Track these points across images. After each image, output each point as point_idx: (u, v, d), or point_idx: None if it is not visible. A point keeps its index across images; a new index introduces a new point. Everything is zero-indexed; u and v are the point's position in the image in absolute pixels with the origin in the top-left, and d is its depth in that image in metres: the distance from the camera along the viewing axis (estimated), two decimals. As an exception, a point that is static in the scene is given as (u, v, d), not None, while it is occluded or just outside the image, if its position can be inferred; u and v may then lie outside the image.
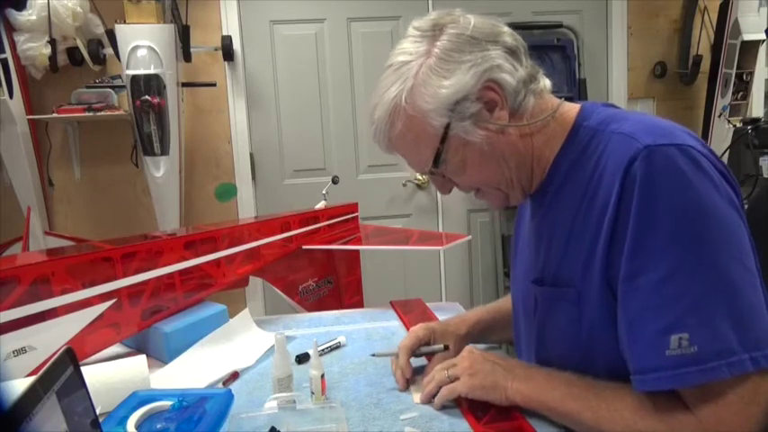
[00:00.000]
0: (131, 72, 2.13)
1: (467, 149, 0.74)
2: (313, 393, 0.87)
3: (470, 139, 0.73)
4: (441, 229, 2.80)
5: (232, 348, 1.12)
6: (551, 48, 2.69)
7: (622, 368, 0.69)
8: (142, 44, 2.13)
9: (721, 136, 2.60)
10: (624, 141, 0.68)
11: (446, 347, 0.94)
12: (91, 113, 2.27)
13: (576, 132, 0.76)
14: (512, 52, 0.74)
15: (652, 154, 0.64)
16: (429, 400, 0.84)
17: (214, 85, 2.49)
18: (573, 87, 2.69)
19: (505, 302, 1.09)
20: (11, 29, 2.20)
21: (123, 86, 2.23)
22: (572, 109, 0.79)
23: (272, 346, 0.98)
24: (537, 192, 0.81)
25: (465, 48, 0.72)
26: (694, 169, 0.64)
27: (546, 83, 0.78)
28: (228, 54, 2.49)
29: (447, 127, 0.73)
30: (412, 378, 0.92)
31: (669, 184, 0.63)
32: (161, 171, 2.24)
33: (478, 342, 1.03)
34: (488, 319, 1.05)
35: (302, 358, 1.05)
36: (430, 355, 0.96)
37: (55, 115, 2.28)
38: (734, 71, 2.57)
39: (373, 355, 1.00)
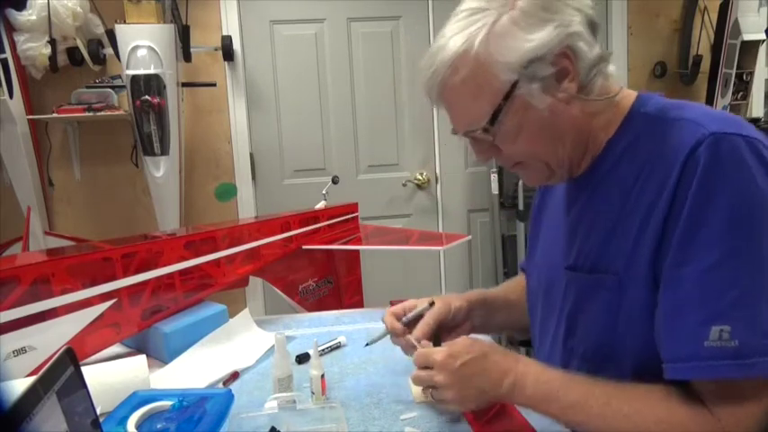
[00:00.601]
0: (131, 72, 2.13)
1: (527, 115, 0.70)
2: (313, 393, 0.87)
3: (534, 103, 0.69)
4: (441, 229, 2.80)
5: (232, 348, 1.12)
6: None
7: (650, 360, 0.67)
8: (142, 44, 2.13)
9: (721, 136, 2.59)
10: (688, 127, 0.66)
11: (431, 304, 0.90)
12: (91, 113, 2.26)
13: (632, 118, 0.74)
14: (591, 25, 0.70)
15: (719, 141, 0.62)
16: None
17: (214, 85, 2.49)
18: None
19: (495, 293, 1.04)
20: (11, 29, 2.20)
21: (123, 86, 2.23)
22: (630, 95, 0.77)
23: (272, 346, 0.98)
24: (582, 175, 0.78)
25: (550, 6, 0.68)
26: (758, 163, 0.62)
27: (612, 67, 0.75)
28: (228, 54, 2.49)
29: (514, 85, 0.68)
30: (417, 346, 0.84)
31: (731, 175, 0.61)
32: (161, 171, 2.24)
33: (479, 332, 0.99)
34: (484, 312, 1.00)
35: (302, 358, 1.05)
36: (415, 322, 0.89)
37: (55, 115, 2.28)
38: (734, 71, 2.57)
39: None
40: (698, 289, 0.62)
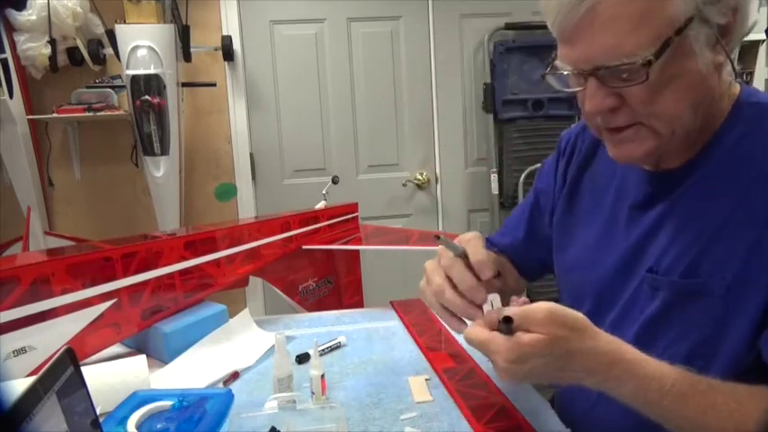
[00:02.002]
0: (131, 72, 2.13)
1: (686, 64, 0.60)
2: (313, 393, 0.87)
3: (697, 53, 0.59)
4: (441, 230, 2.80)
5: (232, 348, 1.12)
6: (551, 48, 2.66)
7: (739, 367, 0.63)
8: (142, 44, 2.13)
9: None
10: None
11: (464, 255, 0.73)
12: (91, 113, 2.27)
13: (741, 108, 0.67)
14: None
15: None
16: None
17: (214, 85, 2.49)
18: (573, 87, 2.68)
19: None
20: (11, 29, 2.20)
21: (123, 86, 2.23)
22: (735, 85, 0.69)
23: (272, 346, 0.98)
24: (680, 167, 0.70)
25: None
26: None
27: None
28: (228, 54, 2.49)
29: (688, 21, 0.58)
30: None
31: None
32: (161, 171, 2.24)
33: None
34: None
35: (302, 358, 1.05)
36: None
37: (55, 115, 2.28)
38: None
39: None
40: None
